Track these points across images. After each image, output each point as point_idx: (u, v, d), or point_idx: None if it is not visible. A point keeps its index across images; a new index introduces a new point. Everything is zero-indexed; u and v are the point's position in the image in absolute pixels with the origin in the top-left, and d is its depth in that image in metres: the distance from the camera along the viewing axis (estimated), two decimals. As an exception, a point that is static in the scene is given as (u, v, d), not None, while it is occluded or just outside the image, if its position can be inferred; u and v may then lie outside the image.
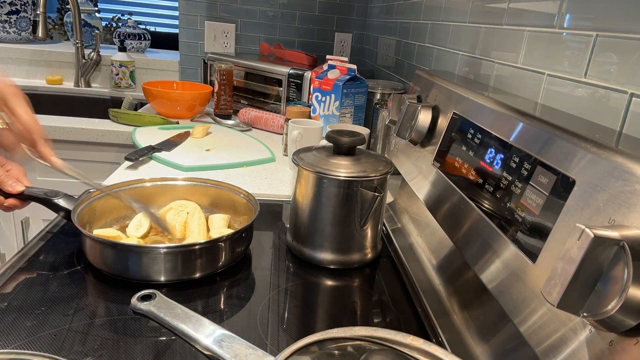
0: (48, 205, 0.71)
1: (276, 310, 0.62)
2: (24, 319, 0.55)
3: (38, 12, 1.62)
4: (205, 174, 1.06)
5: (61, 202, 0.71)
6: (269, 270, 0.72)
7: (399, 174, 0.89)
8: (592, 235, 0.31)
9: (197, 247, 0.65)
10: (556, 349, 0.37)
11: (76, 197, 0.73)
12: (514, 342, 0.48)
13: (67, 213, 0.70)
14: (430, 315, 0.63)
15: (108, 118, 1.48)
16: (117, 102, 1.85)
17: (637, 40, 0.51)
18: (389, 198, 1.00)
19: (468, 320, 0.59)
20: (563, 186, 0.41)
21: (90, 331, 0.54)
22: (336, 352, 0.42)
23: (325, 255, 0.73)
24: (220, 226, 0.77)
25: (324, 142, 0.75)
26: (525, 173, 0.48)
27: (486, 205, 0.54)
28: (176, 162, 1.09)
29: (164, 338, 0.54)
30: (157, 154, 1.14)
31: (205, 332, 0.45)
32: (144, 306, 0.45)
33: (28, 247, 0.71)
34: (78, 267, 0.68)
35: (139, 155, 1.08)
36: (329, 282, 0.71)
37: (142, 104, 1.78)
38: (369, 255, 0.75)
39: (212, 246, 0.66)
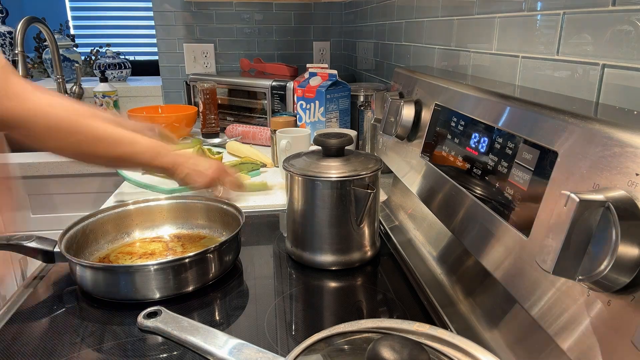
0: (21, 250, 0.68)
1: (283, 316, 0.62)
2: (30, 353, 0.55)
3: (16, 52, 1.63)
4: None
5: (34, 244, 0.67)
6: (272, 278, 0.72)
7: (390, 172, 0.90)
8: (578, 200, 0.32)
9: (186, 260, 0.65)
10: (559, 316, 0.38)
11: (50, 238, 0.70)
12: (521, 321, 0.49)
13: (46, 255, 0.68)
14: (436, 306, 0.64)
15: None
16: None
17: (602, 13, 0.52)
18: (383, 196, 1.01)
19: (474, 306, 0.59)
20: (547, 159, 0.43)
21: (98, 357, 0.54)
22: (345, 346, 0.42)
23: (326, 258, 0.74)
24: None
25: (314, 148, 0.76)
26: (510, 152, 0.49)
27: (477, 190, 0.55)
28: (157, 185, 1.09)
29: (175, 352, 0.55)
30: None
31: (217, 342, 0.45)
32: (150, 323, 0.46)
33: (17, 294, 0.69)
34: (73, 299, 0.67)
35: None
36: (333, 284, 0.72)
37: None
38: (369, 253, 0.76)
39: (201, 258, 0.66)
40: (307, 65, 1.34)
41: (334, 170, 0.70)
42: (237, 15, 1.99)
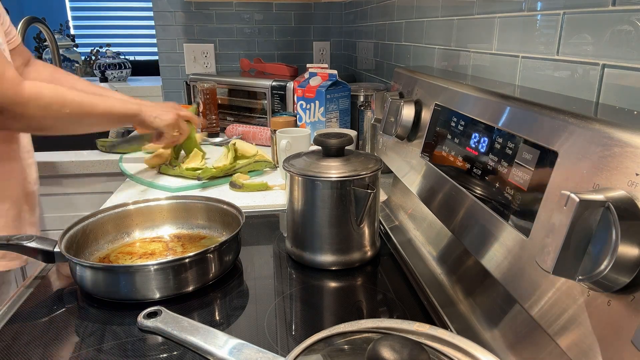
0: (21, 250, 0.67)
1: (283, 316, 0.62)
2: (30, 353, 0.55)
3: (17, 52, 1.62)
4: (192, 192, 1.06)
5: (34, 244, 0.67)
6: (272, 278, 0.72)
7: (390, 172, 0.90)
8: (578, 200, 0.32)
9: (186, 260, 0.65)
10: (559, 316, 0.38)
11: (50, 238, 0.70)
12: (521, 321, 0.49)
13: (46, 255, 0.67)
14: (436, 306, 0.64)
15: (96, 149, 1.48)
16: (104, 133, 1.85)
17: (602, 13, 0.52)
18: (383, 196, 1.01)
19: (474, 306, 0.59)
20: (547, 159, 0.43)
21: (98, 357, 0.54)
22: (345, 346, 0.42)
23: (326, 258, 0.74)
24: None
25: (314, 148, 0.76)
26: (510, 152, 0.49)
27: (477, 190, 0.55)
28: (164, 185, 1.10)
29: (175, 352, 0.55)
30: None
31: (217, 342, 0.45)
32: (150, 323, 0.46)
33: (17, 294, 0.69)
34: (73, 299, 0.67)
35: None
36: (333, 284, 0.72)
37: (128, 132, 1.78)
38: (369, 253, 0.76)
39: (201, 258, 0.66)
40: (307, 65, 1.34)
41: (334, 170, 0.70)
42: (237, 15, 1.99)
